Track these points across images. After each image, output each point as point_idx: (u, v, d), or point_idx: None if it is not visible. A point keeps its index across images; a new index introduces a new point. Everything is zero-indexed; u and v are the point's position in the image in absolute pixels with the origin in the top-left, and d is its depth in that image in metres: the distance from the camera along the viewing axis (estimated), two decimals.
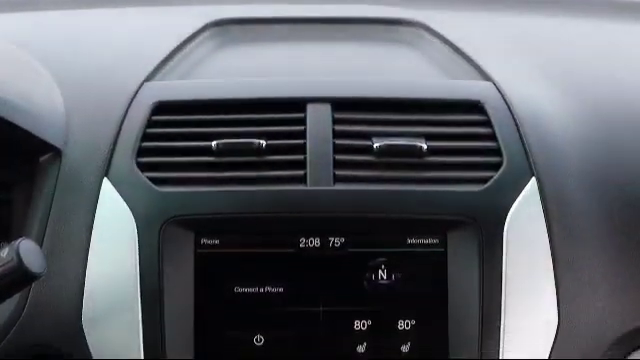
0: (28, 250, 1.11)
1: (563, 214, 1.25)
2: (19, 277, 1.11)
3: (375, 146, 1.26)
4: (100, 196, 1.24)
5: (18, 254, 1.10)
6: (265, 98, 1.32)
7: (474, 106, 1.32)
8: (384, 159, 1.26)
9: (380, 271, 1.23)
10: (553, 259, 1.23)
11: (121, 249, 1.22)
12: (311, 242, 1.23)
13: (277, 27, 1.66)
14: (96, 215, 1.24)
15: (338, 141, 1.27)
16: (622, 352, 1.26)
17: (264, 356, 1.22)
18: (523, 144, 1.28)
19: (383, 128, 1.29)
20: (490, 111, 1.31)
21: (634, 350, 1.27)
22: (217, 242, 1.23)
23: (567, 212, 1.25)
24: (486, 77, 1.40)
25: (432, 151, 1.27)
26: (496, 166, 1.26)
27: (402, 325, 1.23)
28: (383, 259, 1.23)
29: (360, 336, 1.23)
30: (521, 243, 1.23)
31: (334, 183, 1.24)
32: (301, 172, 1.25)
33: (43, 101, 1.33)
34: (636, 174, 1.29)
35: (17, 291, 1.15)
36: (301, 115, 1.29)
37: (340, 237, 1.23)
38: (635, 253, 1.26)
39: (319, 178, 1.24)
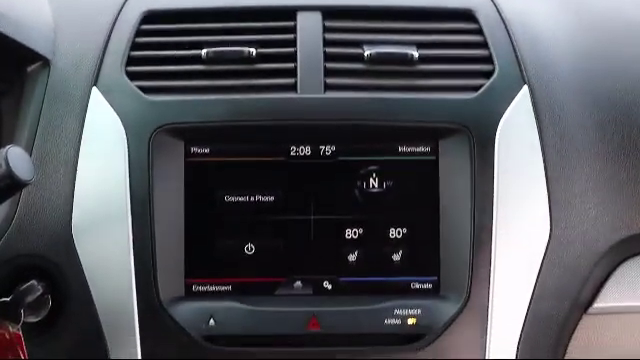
0: (16, 156, 1.10)
1: (555, 123, 1.24)
2: (7, 183, 1.10)
3: (366, 54, 1.25)
4: (89, 105, 1.24)
5: (6, 160, 1.09)
6: (255, 6, 1.30)
7: (466, 14, 1.31)
8: (375, 67, 1.25)
9: (371, 179, 1.23)
10: (545, 168, 1.23)
11: (111, 158, 1.22)
12: (301, 150, 1.23)
13: None
14: (85, 124, 1.23)
15: (329, 49, 1.26)
16: (614, 261, 1.26)
17: (255, 265, 1.22)
18: (515, 52, 1.27)
19: (374, 36, 1.28)
20: (482, 19, 1.30)
21: (625, 259, 1.27)
22: (207, 151, 1.22)
23: (559, 121, 1.24)
24: None
25: (423, 59, 1.26)
26: (488, 74, 1.25)
27: (393, 233, 1.23)
28: (374, 167, 1.23)
29: (351, 244, 1.23)
30: (513, 151, 1.22)
31: (324, 91, 1.23)
32: (291, 80, 1.23)
33: (31, 11, 1.31)
34: (630, 86, 1.28)
35: (6, 198, 1.14)
36: (291, 23, 1.28)
37: (331, 145, 1.22)
38: (626, 164, 1.25)
39: (309, 86, 1.23)
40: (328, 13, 1.29)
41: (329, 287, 1.23)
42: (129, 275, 1.20)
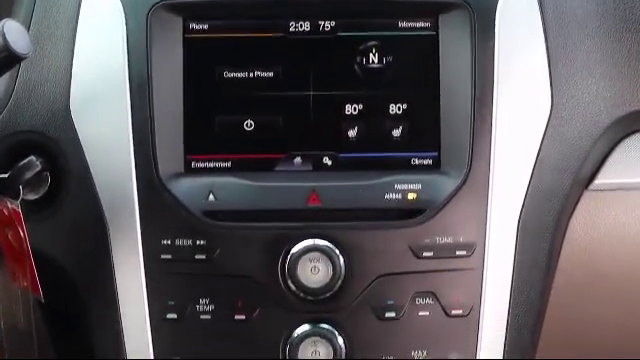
0: (13, 30, 1.09)
1: None
2: (5, 56, 1.09)
3: None
4: None
5: (3, 33, 1.08)
6: None
7: None
8: None
9: (371, 55, 1.22)
10: (546, 41, 1.22)
11: (109, 35, 1.21)
12: (301, 26, 1.21)
13: None
14: (82, 1, 1.22)
15: None
16: (615, 137, 1.26)
17: (254, 141, 1.22)
18: None
19: None
20: None
21: (626, 136, 1.26)
22: (205, 27, 1.21)
23: None
24: None
25: None
26: None
27: (393, 109, 1.22)
28: (374, 43, 1.22)
29: (351, 120, 1.22)
30: (514, 25, 1.21)
31: None
32: None
33: None
34: None
35: (3, 72, 1.13)
36: None
37: (330, 20, 1.21)
38: (629, 39, 1.24)
39: None
40: None
41: (329, 163, 1.22)
42: (128, 151, 1.19)
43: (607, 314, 1.30)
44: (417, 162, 1.22)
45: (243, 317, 1.20)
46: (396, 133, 1.22)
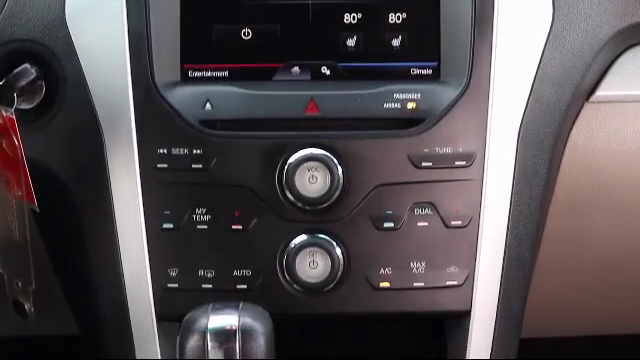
0: None
1: None
2: None
3: None
4: None
5: None
6: None
7: None
8: None
9: None
10: None
11: None
12: None
13: None
14: None
15: None
16: (617, 49, 1.25)
17: (252, 50, 1.20)
18: None
19: None
20: None
21: (628, 48, 1.25)
22: None
23: None
24: None
25: None
26: None
27: (393, 18, 1.20)
28: None
29: (350, 29, 1.20)
30: None
31: None
32: None
33: None
34: None
35: None
36: None
37: None
38: None
39: None
40: None
41: (327, 72, 1.21)
42: (124, 59, 1.18)
43: (606, 226, 1.29)
44: (417, 72, 1.20)
45: (240, 227, 1.19)
46: (395, 43, 1.20)
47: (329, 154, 1.16)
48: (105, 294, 1.22)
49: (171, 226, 1.19)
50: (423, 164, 1.17)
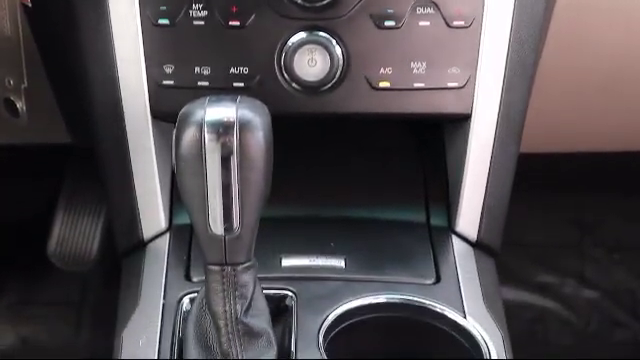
0: None
1: None
2: None
3: None
4: None
5: None
6: None
7: None
8: None
9: None
10: None
11: None
12: None
13: None
14: None
15: None
16: None
17: None
18: None
19: None
20: None
21: None
22: None
23: None
24: None
25: None
26: None
27: None
28: None
29: None
30: None
31: None
32: None
33: None
34: None
35: None
36: None
37: None
38: None
39: None
40: None
41: None
42: None
43: (606, 31, 1.27)
44: None
45: (237, 23, 1.15)
46: None
47: None
48: (98, 89, 1.19)
49: (167, 22, 1.15)
50: None
